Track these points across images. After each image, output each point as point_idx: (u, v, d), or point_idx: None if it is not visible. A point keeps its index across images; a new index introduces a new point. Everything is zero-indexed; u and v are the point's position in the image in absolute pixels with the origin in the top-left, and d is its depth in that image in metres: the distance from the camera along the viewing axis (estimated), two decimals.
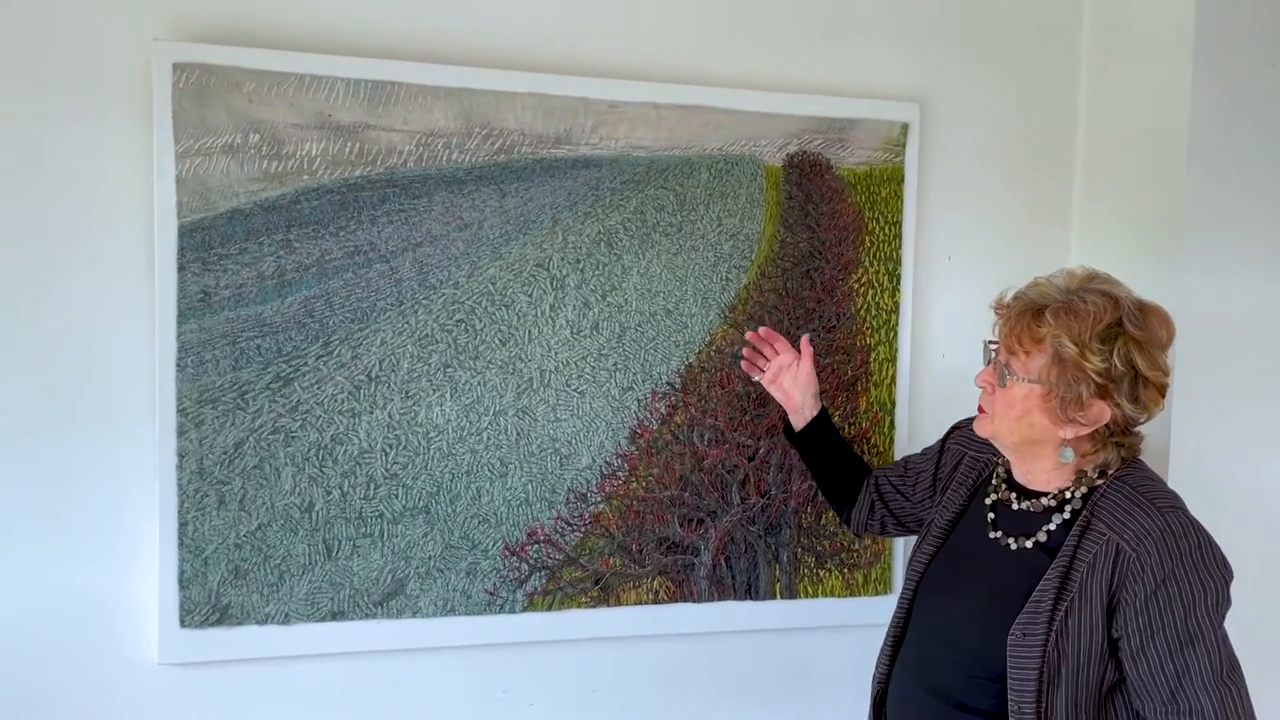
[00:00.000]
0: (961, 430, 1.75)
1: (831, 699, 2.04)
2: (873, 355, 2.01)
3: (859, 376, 2.00)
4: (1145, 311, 1.48)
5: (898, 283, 2.01)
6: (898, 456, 2.02)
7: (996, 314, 1.55)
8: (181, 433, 1.68)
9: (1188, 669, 1.39)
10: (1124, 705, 1.47)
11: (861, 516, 1.84)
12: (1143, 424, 1.52)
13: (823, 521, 2.00)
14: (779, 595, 1.99)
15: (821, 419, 1.84)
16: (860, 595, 2.00)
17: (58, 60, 1.64)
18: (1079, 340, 1.43)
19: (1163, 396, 1.50)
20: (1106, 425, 1.48)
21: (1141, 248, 1.97)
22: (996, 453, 1.65)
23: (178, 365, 1.67)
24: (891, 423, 2.02)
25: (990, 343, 1.57)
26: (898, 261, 2.01)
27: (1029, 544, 1.52)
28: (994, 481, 1.63)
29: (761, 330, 1.88)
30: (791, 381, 1.84)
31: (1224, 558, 1.44)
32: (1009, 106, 2.09)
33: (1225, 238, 1.91)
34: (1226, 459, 1.94)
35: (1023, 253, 2.08)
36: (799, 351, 1.85)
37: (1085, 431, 1.48)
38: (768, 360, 1.87)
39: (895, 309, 2.01)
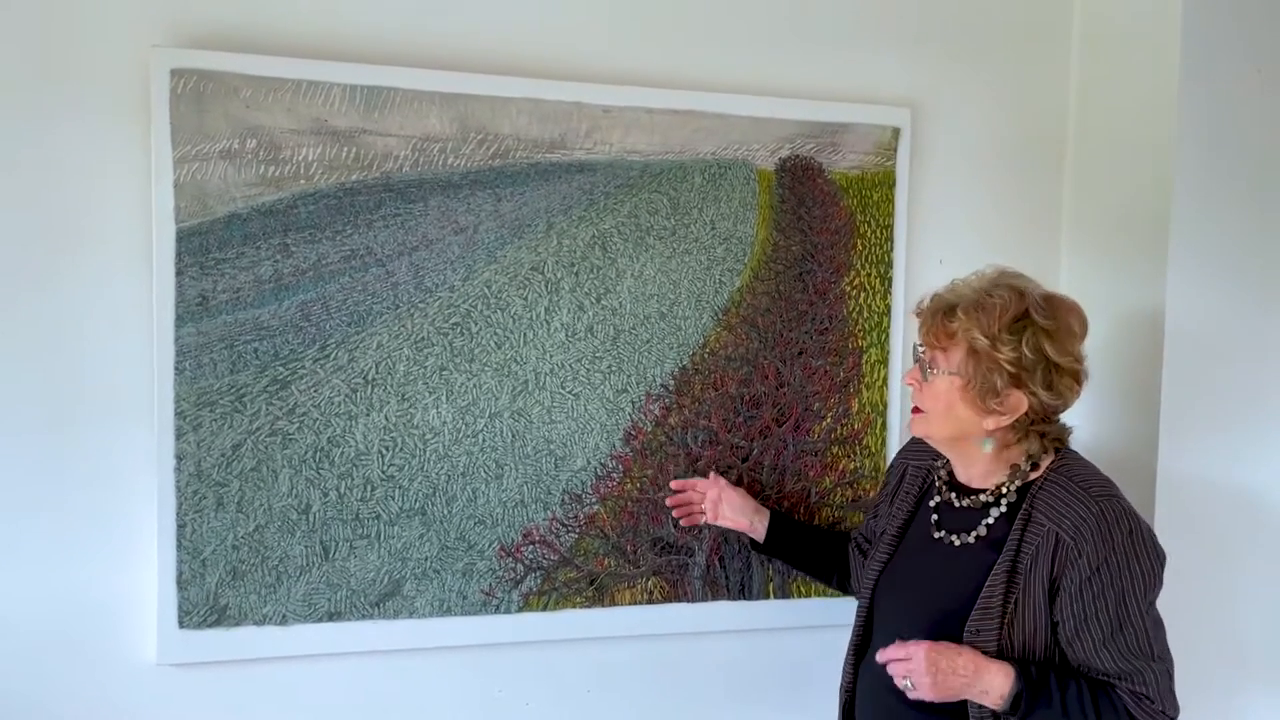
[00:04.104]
0: (903, 449, 1.82)
1: (824, 698, 2.04)
2: (865, 357, 2.03)
3: (851, 378, 2.02)
4: (1052, 302, 1.55)
5: (889, 285, 2.03)
6: (890, 456, 2.04)
7: (916, 317, 1.62)
8: (180, 435, 1.69)
9: (1118, 651, 1.47)
10: None
11: (858, 581, 1.86)
12: (1063, 412, 1.58)
13: (815, 522, 2.01)
14: (772, 595, 2.01)
15: (776, 521, 1.87)
16: (852, 595, 2.00)
17: (56, 66, 1.66)
18: (988, 333, 1.51)
19: (1079, 384, 1.56)
20: (1026, 414, 1.53)
21: (1130, 250, 1.99)
22: (936, 458, 1.70)
23: (176, 368, 1.69)
24: (884, 424, 2.04)
25: (917, 345, 1.62)
26: (889, 264, 2.03)
27: (971, 539, 1.57)
28: (937, 484, 1.67)
29: (672, 485, 1.91)
30: (730, 509, 1.86)
31: (1156, 544, 1.50)
32: (999, 111, 2.11)
33: (1213, 241, 1.92)
34: (1216, 463, 1.96)
35: (1013, 256, 2.07)
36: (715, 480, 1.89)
37: (1006, 422, 1.54)
38: (698, 504, 1.89)
39: (887, 311, 2.03)
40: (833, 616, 2.03)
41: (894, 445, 2.04)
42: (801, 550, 1.89)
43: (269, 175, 1.72)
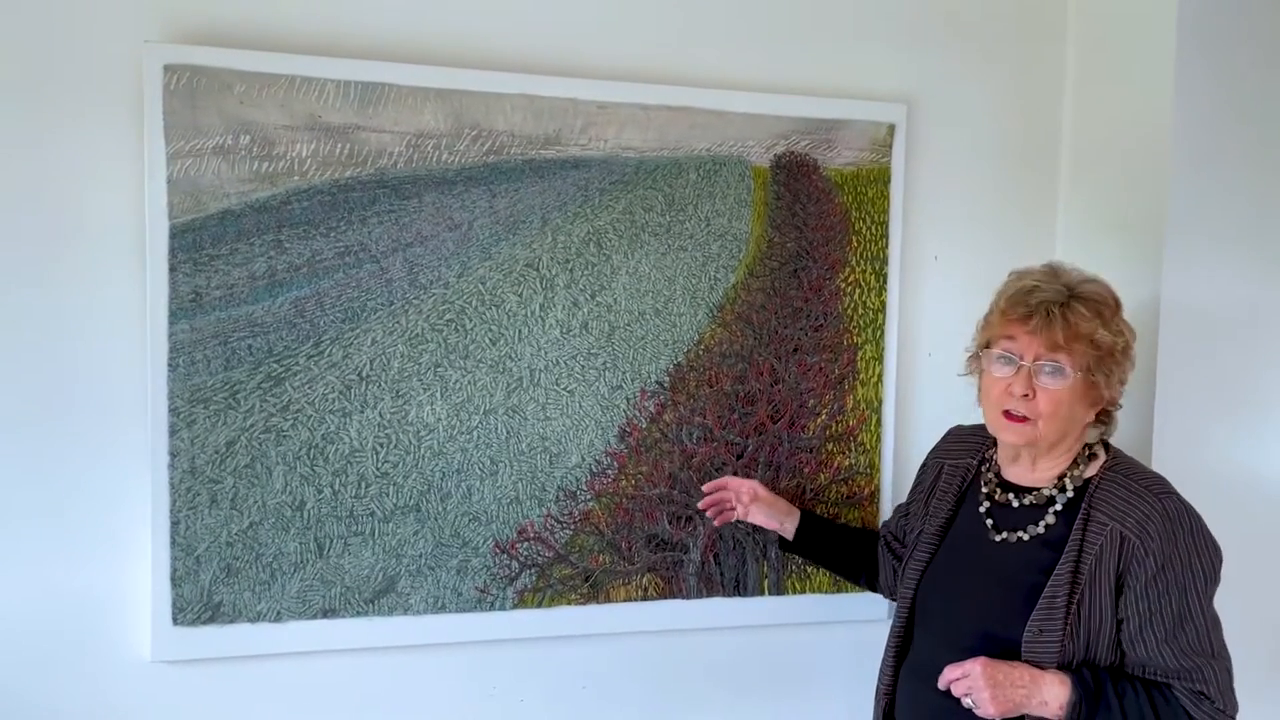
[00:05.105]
0: (937, 448, 1.81)
1: (819, 694, 2.05)
2: (860, 354, 2.03)
3: (846, 375, 2.02)
4: (1105, 286, 1.59)
5: (884, 282, 2.03)
6: (885, 454, 2.05)
7: (1012, 320, 1.55)
8: (173, 432, 1.69)
9: (1179, 648, 1.47)
10: None
11: (888, 581, 1.86)
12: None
13: None
14: (767, 591, 2.01)
15: (807, 521, 1.87)
16: (847, 591, 2.01)
17: (49, 62, 1.65)
18: (1109, 325, 1.53)
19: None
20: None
21: (1126, 246, 1.99)
22: (973, 456, 1.69)
23: (169, 365, 1.68)
24: (878, 420, 2.04)
25: (1004, 355, 1.55)
26: (884, 261, 2.03)
27: (1026, 537, 1.56)
28: (983, 483, 1.66)
29: (707, 488, 1.87)
30: (761, 511, 1.84)
31: (1215, 540, 1.51)
32: (995, 107, 2.11)
33: (1209, 235, 1.93)
34: (1210, 455, 1.96)
35: (1009, 252, 2.09)
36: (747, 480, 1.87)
37: (1105, 409, 1.58)
38: (730, 502, 1.86)
39: (882, 308, 2.03)
40: (829, 613, 2.04)
41: (889, 442, 2.05)
42: (829, 549, 1.89)
43: (263, 171, 1.71)
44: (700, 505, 1.87)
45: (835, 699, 2.04)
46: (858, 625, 2.01)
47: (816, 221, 1.99)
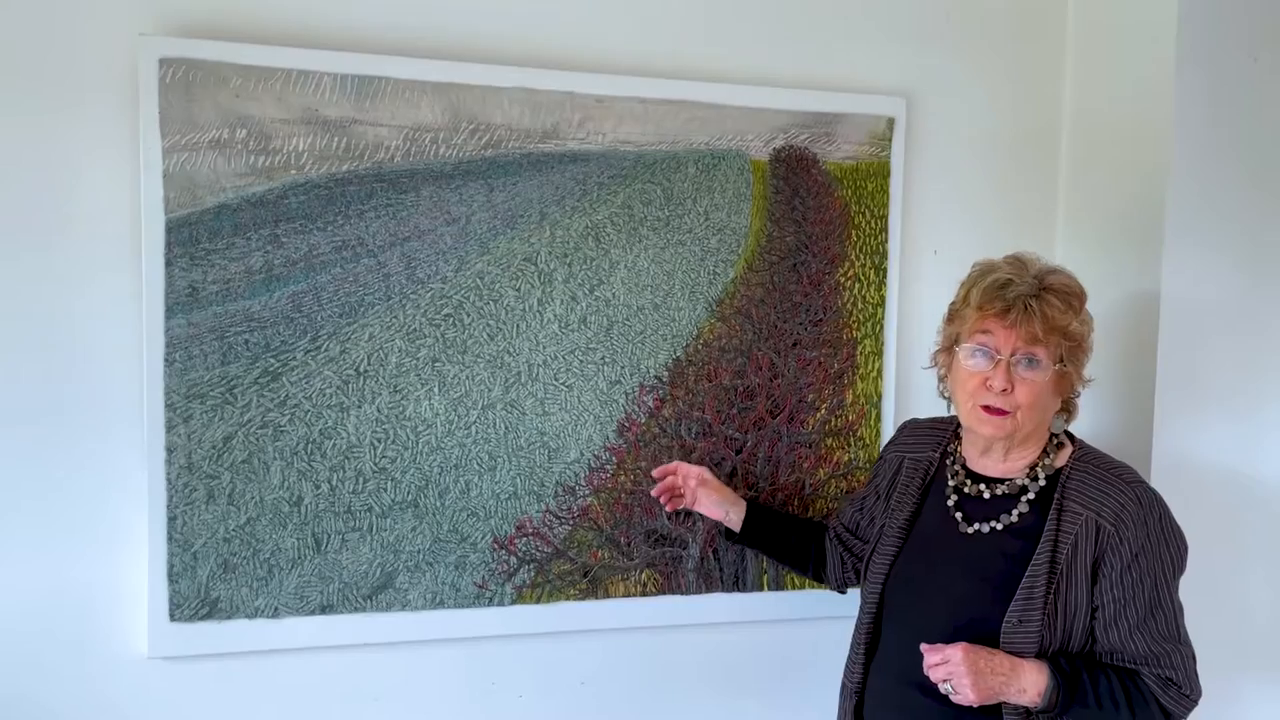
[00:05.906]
0: (894, 442, 1.79)
1: (817, 690, 2.04)
2: (859, 349, 2.02)
3: (845, 370, 2.02)
4: (1071, 276, 1.60)
5: (884, 276, 2.02)
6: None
7: (989, 315, 1.53)
8: (170, 427, 1.68)
9: (1150, 634, 1.50)
10: None
11: (837, 573, 1.85)
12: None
13: (809, 514, 2.01)
14: (766, 587, 2.00)
15: (753, 511, 1.83)
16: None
17: (43, 55, 1.64)
18: (1079, 315, 1.55)
19: None
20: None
21: (1126, 240, 1.98)
22: (934, 449, 1.69)
23: (166, 360, 1.67)
24: (878, 415, 2.04)
25: (980, 348, 1.54)
26: (884, 255, 2.02)
27: (1000, 526, 1.56)
28: (950, 475, 1.65)
29: (655, 473, 1.85)
30: (707, 499, 1.81)
31: (1180, 529, 1.54)
32: (994, 100, 2.10)
33: (1209, 230, 1.92)
34: (1210, 449, 1.96)
35: (1008, 246, 2.04)
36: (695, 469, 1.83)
37: (1068, 397, 1.59)
38: (680, 488, 1.83)
39: (881, 303, 2.03)
40: (826, 609, 2.03)
41: (888, 437, 2.04)
42: (775, 540, 1.85)
43: (259, 165, 1.70)
44: (654, 492, 1.85)
45: (834, 695, 2.03)
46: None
47: (816, 216, 1.98)
